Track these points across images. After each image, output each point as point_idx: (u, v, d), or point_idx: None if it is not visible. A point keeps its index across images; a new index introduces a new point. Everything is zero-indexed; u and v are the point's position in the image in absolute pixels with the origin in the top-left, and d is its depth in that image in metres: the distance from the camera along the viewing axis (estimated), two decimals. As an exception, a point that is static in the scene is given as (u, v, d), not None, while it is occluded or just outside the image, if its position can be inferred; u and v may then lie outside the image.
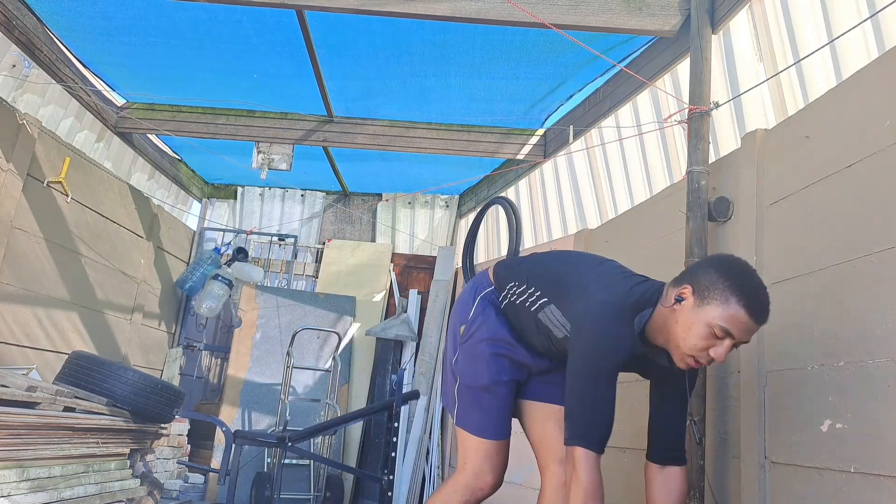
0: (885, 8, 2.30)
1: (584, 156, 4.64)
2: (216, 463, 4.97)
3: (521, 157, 5.04)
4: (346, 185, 6.60)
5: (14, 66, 4.11)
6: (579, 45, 3.53)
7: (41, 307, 4.28)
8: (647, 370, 2.02)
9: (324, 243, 6.64)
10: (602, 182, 4.50)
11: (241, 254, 6.09)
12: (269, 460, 5.08)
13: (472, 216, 6.06)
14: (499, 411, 2.12)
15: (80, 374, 3.73)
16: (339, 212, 6.83)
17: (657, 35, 3.40)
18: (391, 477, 4.17)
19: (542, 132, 5.02)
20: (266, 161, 5.05)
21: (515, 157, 5.05)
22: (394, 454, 4.27)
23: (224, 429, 4.48)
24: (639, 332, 1.82)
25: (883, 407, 1.85)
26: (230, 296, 5.93)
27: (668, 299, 1.78)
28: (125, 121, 5.09)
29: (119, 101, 5.13)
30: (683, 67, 3.42)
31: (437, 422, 5.38)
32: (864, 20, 2.40)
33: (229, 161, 5.69)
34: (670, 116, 3.30)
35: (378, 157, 5.65)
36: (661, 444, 1.99)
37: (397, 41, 3.97)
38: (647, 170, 4.01)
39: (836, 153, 2.16)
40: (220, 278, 5.80)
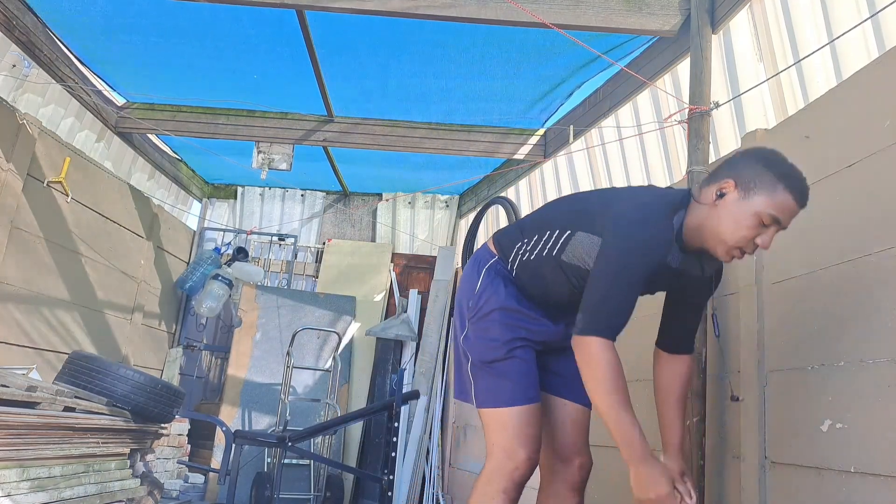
0: (885, 8, 2.30)
1: (584, 156, 4.64)
2: (216, 463, 4.97)
3: (522, 156, 5.03)
4: (346, 185, 6.60)
5: (14, 66, 4.11)
6: (579, 45, 3.53)
7: (41, 307, 4.28)
8: (673, 283, 1.90)
9: (324, 243, 6.64)
10: (602, 182, 4.50)
11: (241, 254, 6.09)
12: (269, 460, 5.09)
13: (472, 216, 6.07)
14: (520, 374, 1.90)
15: (81, 373, 3.74)
16: (340, 212, 6.83)
17: (657, 35, 3.40)
18: (391, 477, 4.18)
19: (542, 132, 5.01)
20: (266, 161, 5.05)
21: (515, 156, 5.05)
22: (394, 454, 4.27)
23: (224, 429, 4.49)
24: (675, 233, 1.76)
25: (883, 407, 1.85)
26: (230, 296, 5.93)
27: (706, 196, 1.74)
28: (125, 121, 5.09)
29: (119, 100, 5.13)
30: (683, 67, 3.42)
31: (437, 422, 5.38)
32: (865, 20, 2.40)
33: (229, 161, 5.69)
34: (670, 116, 3.30)
35: (378, 157, 5.65)
36: (674, 338, 2.00)
37: (398, 40, 3.97)
38: (647, 170, 4.01)
39: (836, 153, 2.16)
40: (220, 278, 5.80)
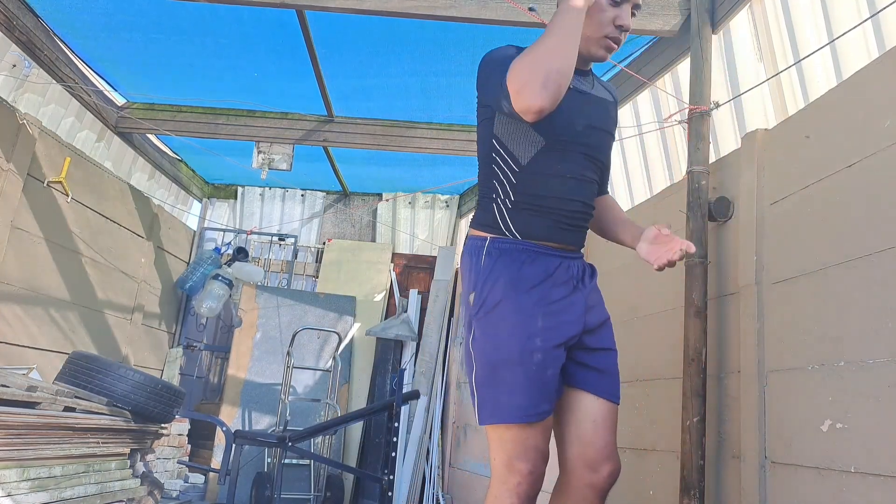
0: (885, 8, 2.30)
1: (584, 156, 4.63)
2: (216, 463, 4.97)
3: (522, 156, 5.02)
4: (346, 185, 6.60)
5: (14, 66, 4.11)
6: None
7: (42, 307, 4.28)
8: (583, 110, 1.81)
9: (324, 243, 6.64)
10: (602, 182, 4.50)
11: (241, 254, 6.09)
12: (270, 460, 5.09)
13: (472, 216, 6.06)
14: (533, 385, 1.67)
15: (81, 373, 3.74)
16: (340, 212, 6.83)
17: (657, 35, 3.40)
18: (391, 477, 4.18)
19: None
20: (266, 161, 5.05)
21: (515, 156, 5.04)
22: (394, 454, 4.27)
23: (224, 429, 4.49)
24: None
25: (883, 407, 1.85)
26: (230, 296, 5.93)
27: None
28: (125, 121, 5.09)
29: (119, 100, 5.13)
30: (684, 67, 3.42)
31: (437, 422, 5.38)
32: (865, 20, 2.40)
33: (229, 161, 5.69)
34: (670, 116, 3.30)
35: (378, 157, 5.65)
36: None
37: (398, 39, 3.97)
38: (647, 169, 4.01)
39: (837, 153, 2.16)
40: (220, 278, 5.80)
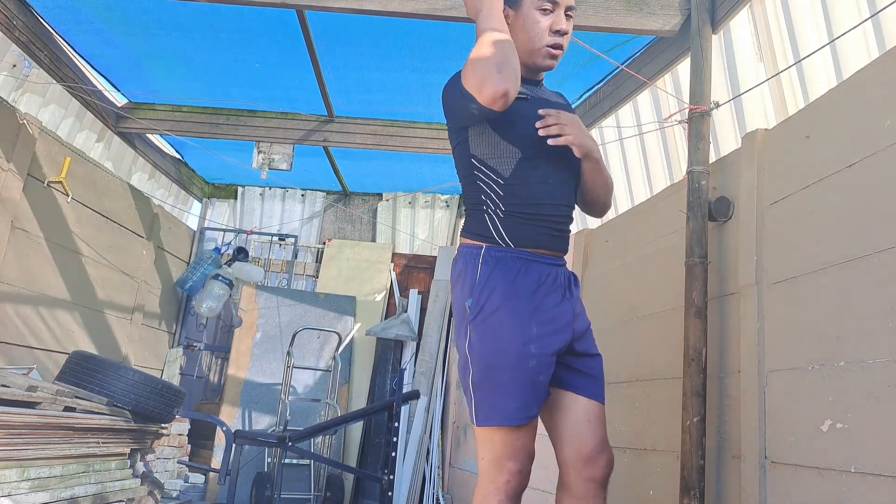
0: (885, 8, 2.30)
1: (584, 156, 4.63)
2: (216, 463, 4.98)
3: (522, 156, 5.03)
4: (346, 185, 6.60)
5: (14, 66, 4.11)
6: (579, 46, 3.52)
7: (42, 307, 4.28)
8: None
9: (324, 243, 6.64)
10: (602, 182, 4.49)
11: (241, 253, 6.09)
12: (270, 460, 5.09)
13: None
14: (524, 388, 1.72)
15: (81, 373, 3.74)
16: (340, 211, 6.83)
17: (658, 35, 3.40)
18: (391, 477, 4.18)
19: (542, 132, 5.01)
20: (266, 161, 5.06)
21: (515, 156, 5.04)
22: (394, 454, 4.27)
23: (224, 428, 4.49)
24: None
25: (883, 407, 1.85)
26: (230, 296, 5.93)
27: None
28: (125, 121, 5.09)
29: (120, 100, 5.13)
30: (684, 67, 3.42)
31: (437, 422, 5.38)
32: (865, 20, 2.40)
33: (229, 161, 5.69)
34: (671, 116, 3.30)
35: (379, 157, 5.65)
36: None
37: (398, 35, 3.97)
38: (647, 169, 4.01)
39: (837, 153, 2.16)
40: (220, 278, 5.80)
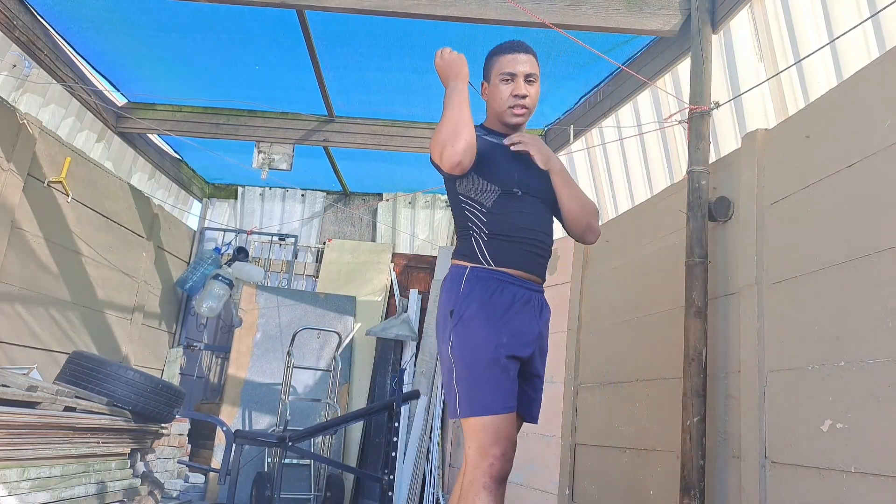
0: (885, 8, 2.30)
1: (584, 155, 4.64)
2: (216, 463, 4.97)
3: (522, 156, 5.03)
4: (346, 185, 6.60)
5: (14, 66, 4.11)
6: (579, 46, 3.52)
7: (42, 307, 4.28)
8: (517, 162, 2.19)
9: (324, 243, 6.64)
10: (602, 182, 4.50)
11: (241, 253, 6.09)
12: (270, 460, 5.09)
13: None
14: (500, 384, 1.98)
15: (81, 373, 3.74)
16: (340, 212, 6.83)
17: (658, 35, 3.40)
18: (391, 477, 4.18)
19: (542, 132, 5.02)
20: (266, 161, 5.05)
21: (516, 156, 5.04)
22: (394, 454, 4.27)
23: (224, 428, 4.49)
24: (480, 126, 2.27)
25: (883, 407, 1.85)
26: (230, 295, 5.93)
27: (484, 97, 2.29)
28: (126, 121, 5.09)
29: (120, 100, 5.13)
30: (684, 67, 3.42)
31: (437, 422, 5.38)
32: (865, 20, 2.40)
33: (230, 161, 5.69)
34: (671, 116, 3.30)
35: (379, 157, 5.65)
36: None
37: (398, 36, 3.97)
38: (647, 169, 4.01)
39: (837, 153, 2.16)
40: (220, 278, 5.80)
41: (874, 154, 2.00)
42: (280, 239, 6.64)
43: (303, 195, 6.80)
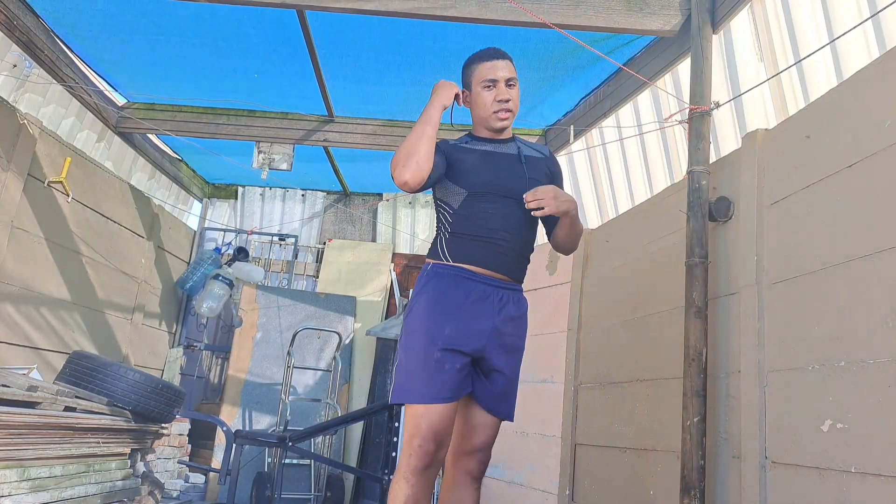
0: (885, 8, 2.30)
1: (584, 155, 4.64)
2: (217, 463, 4.97)
3: (522, 156, 5.03)
4: (346, 185, 6.60)
5: (15, 66, 4.11)
6: (579, 52, 3.52)
7: (42, 307, 4.28)
8: (505, 165, 2.27)
9: (324, 243, 6.64)
10: (602, 182, 4.50)
11: (241, 254, 6.09)
12: (270, 460, 5.09)
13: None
14: (435, 376, 2.03)
15: (81, 373, 3.74)
16: (340, 212, 6.83)
17: (658, 35, 3.40)
18: (391, 477, 4.17)
19: (542, 132, 5.02)
20: (266, 161, 5.05)
21: (516, 156, 5.04)
22: (394, 454, 4.27)
23: (224, 429, 4.49)
24: (467, 135, 2.37)
25: (883, 407, 1.85)
26: (231, 296, 5.93)
27: (467, 104, 2.35)
28: (126, 121, 5.09)
29: (120, 100, 5.13)
30: (684, 67, 3.42)
31: (437, 422, 5.37)
32: (865, 20, 2.40)
33: (230, 161, 5.69)
34: (671, 116, 3.30)
35: (379, 157, 5.64)
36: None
37: (398, 40, 3.97)
38: (647, 169, 4.01)
39: (837, 153, 2.16)
40: (220, 278, 5.80)
41: (874, 154, 2.00)
42: (280, 239, 6.64)
43: (303, 195, 6.80)
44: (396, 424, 4.30)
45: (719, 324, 2.68)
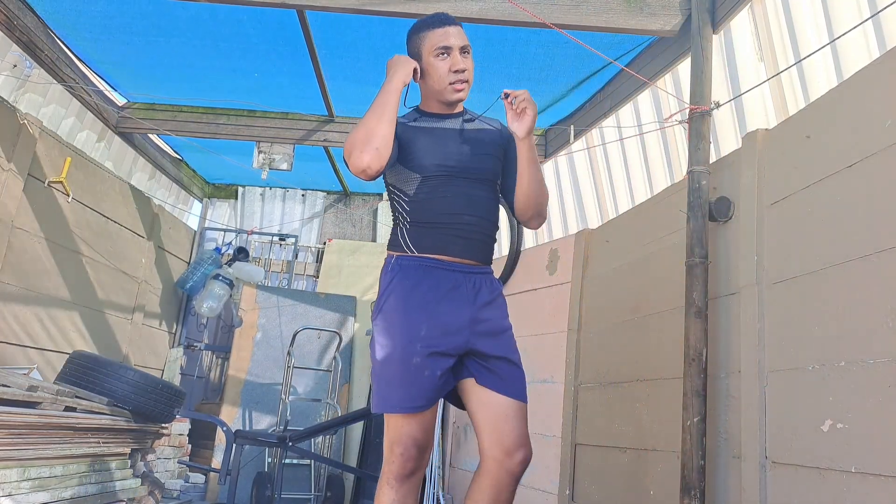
0: (885, 8, 2.29)
1: (584, 155, 4.64)
2: (217, 463, 4.97)
3: (522, 156, 5.03)
4: (346, 185, 6.60)
5: (15, 66, 4.11)
6: (579, 61, 3.51)
7: (42, 307, 4.28)
8: (455, 139, 2.10)
9: (324, 243, 6.64)
10: (603, 182, 4.50)
11: (241, 254, 6.10)
12: (270, 460, 5.09)
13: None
14: (411, 382, 1.92)
15: (81, 373, 3.74)
16: (340, 212, 6.83)
17: (658, 35, 3.40)
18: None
19: (542, 132, 5.02)
20: (267, 161, 5.05)
21: (516, 156, 5.05)
22: (394, 454, 4.27)
23: (225, 428, 4.49)
24: (416, 109, 2.20)
25: (883, 407, 1.85)
26: (231, 296, 5.93)
27: (415, 79, 2.12)
28: (126, 121, 5.09)
29: (120, 100, 5.13)
30: (684, 67, 3.42)
31: (437, 422, 5.37)
32: (865, 20, 2.40)
33: (230, 161, 5.69)
34: (671, 116, 3.30)
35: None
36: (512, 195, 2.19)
37: (398, 45, 3.95)
38: (647, 169, 4.01)
39: (837, 153, 2.16)
40: (220, 278, 5.80)
41: (874, 154, 2.00)
42: (280, 239, 6.64)
43: (303, 195, 6.80)
44: (396, 424, 4.30)
45: (719, 324, 2.68)
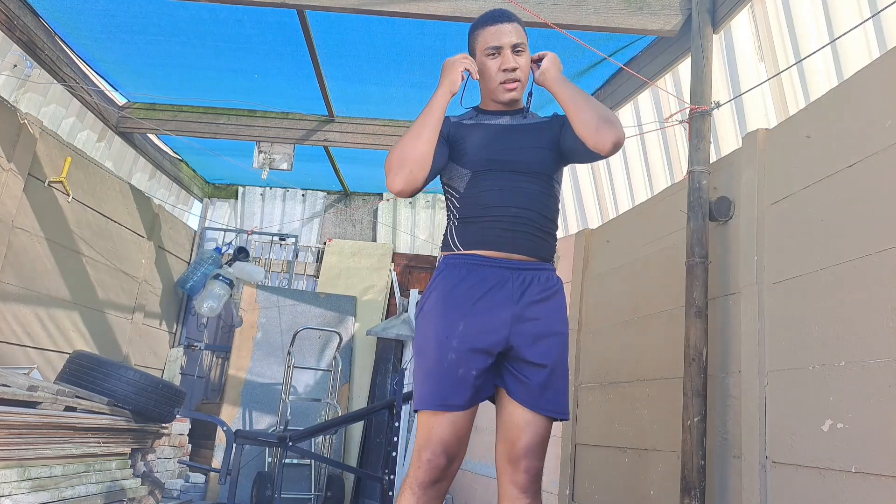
0: (886, 8, 2.29)
1: (584, 156, 4.63)
2: (217, 462, 4.98)
3: (522, 156, 5.03)
4: (347, 185, 6.60)
5: (16, 66, 4.11)
6: (579, 57, 3.50)
7: (42, 307, 4.28)
8: (516, 137, 2.08)
9: (325, 243, 6.64)
10: (603, 181, 4.50)
11: (241, 253, 6.10)
12: (270, 460, 5.09)
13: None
14: (446, 379, 1.86)
15: (82, 373, 3.74)
16: (340, 211, 6.83)
17: (658, 35, 3.40)
18: (392, 476, 4.17)
19: (542, 132, 5.01)
20: (267, 161, 5.06)
21: (516, 156, 5.05)
22: (394, 454, 4.27)
23: (225, 428, 4.49)
24: (474, 109, 2.17)
25: (883, 407, 1.85)
26: (231, 295, 5.93)
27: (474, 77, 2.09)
28: (126, 121, 5.09)
29: (120, 100, 5.13)
30: (685, 67, 3.42)
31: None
32: (866, 20, 2.40)
33: (230, 161, 5.69)
34: (671, 116, 3.30)
35: (379, 157, 5.64)
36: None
37: (398, 46, 3.98)
38: (648, 169, 4.01)
39: (837, 153, 2.16)
40: (220, 278, 5.80)
41: (874, 154, 2.00)
42: (280, 239, 6.64)
43: (303, 195, 6.80)
44: (397, 424, 4.30)
45: (719, 324, 2.68)
